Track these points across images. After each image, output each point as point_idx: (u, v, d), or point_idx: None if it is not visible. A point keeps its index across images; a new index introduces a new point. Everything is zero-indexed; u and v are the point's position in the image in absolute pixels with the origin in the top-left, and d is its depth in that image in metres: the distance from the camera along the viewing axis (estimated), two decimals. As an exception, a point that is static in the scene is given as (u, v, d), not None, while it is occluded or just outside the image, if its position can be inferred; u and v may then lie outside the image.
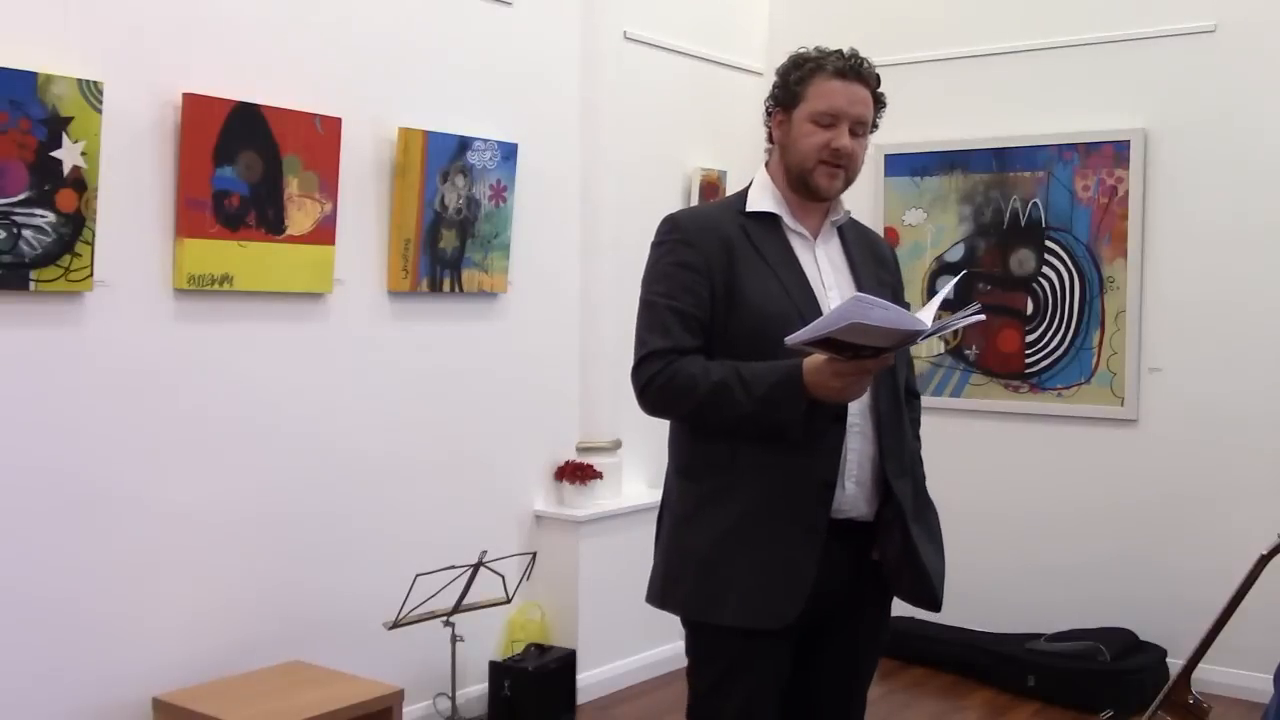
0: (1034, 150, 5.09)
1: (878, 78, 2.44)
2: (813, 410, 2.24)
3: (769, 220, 2.42)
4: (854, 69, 2.39)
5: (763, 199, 2.44)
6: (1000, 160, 5.18)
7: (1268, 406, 4.62)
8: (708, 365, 2.29)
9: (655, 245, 2.42)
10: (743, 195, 2.49)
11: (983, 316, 2.20)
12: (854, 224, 2.55)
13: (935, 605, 2.44)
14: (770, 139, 2.50)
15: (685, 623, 2.42)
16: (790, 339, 2.14)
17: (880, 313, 2.06)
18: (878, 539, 2.40)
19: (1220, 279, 4.73)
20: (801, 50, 2.47)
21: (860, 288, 2.41)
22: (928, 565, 2.39)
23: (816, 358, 2.22)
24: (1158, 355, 4.85)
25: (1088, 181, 4.97)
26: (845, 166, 2.40)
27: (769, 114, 2.49)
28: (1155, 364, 4.85)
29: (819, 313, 2.32)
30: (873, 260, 2.53)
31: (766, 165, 2.50)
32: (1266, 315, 4.63)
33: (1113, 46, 4.92)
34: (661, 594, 2.42)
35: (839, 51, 2.42)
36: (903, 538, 2.37)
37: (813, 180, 2.39)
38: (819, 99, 2.37)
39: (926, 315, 2.14)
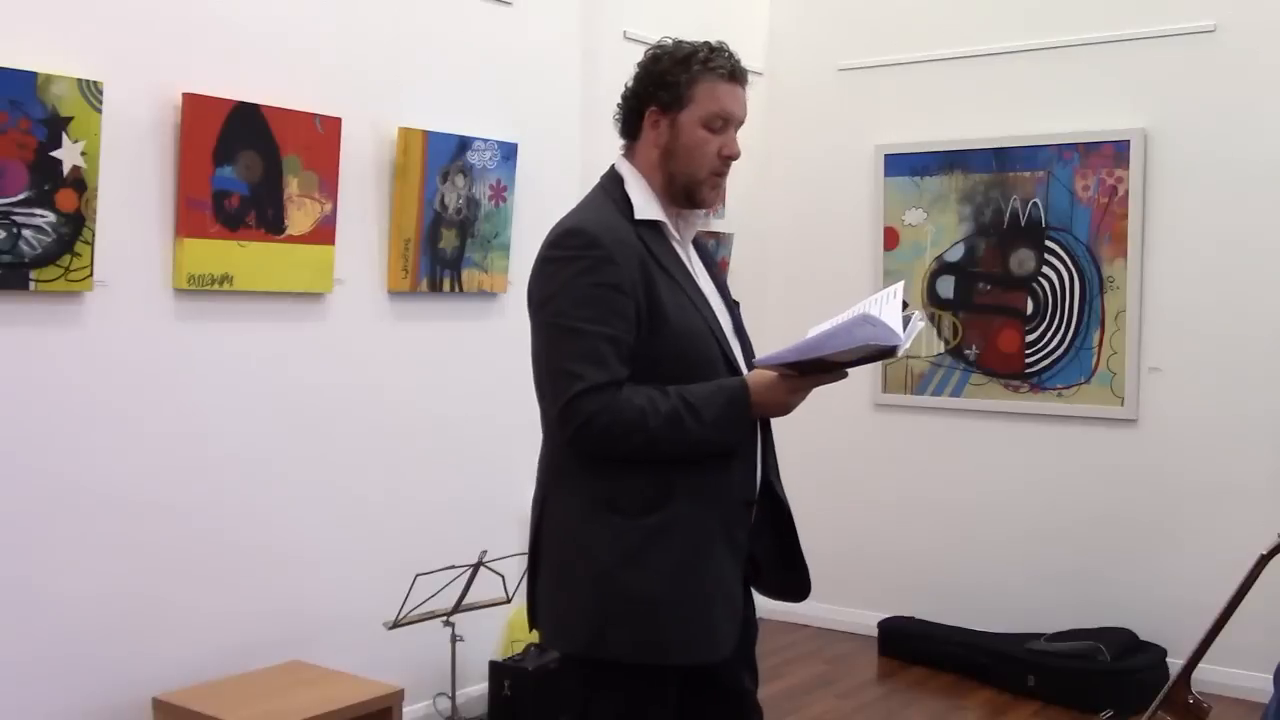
0: (1034, 150, 5.09)
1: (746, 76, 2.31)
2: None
3: (653, 226, 2.25)
4: (742, 71, 2.28)
5: (648, 206, 2.26)
6: (1000, 160, 5.18)
7: (1267, 406, 4.62)
8: (651, 395, 2.10)
9: (566, 260, 2.16)
10: (620, 198, 2.27)
11: (923, 324, 2.16)
12: None
13: (807, 591, 2.37)
14: (631, 134, 2.33)
15: (592, 661, 2.19)
16: (776, 359, 2.08)
17: (881, 330, 1.99)
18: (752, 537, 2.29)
19: (1220, 279, 4.72)
20: (665, 44, 2.31)
21: (720, 293, 2.33)
22: (802, 555, 2.34)
23: (765, 374, 2.15)
24: (1158, 355, 4.85)
25: (1088, 181, 4.97)
26: (725, 175, 2.28)
27: (635, 112, 2.31)
28: (1155, 364, 4.85)
29: (720, 326, 2.26)
30: (706, 260, 2.40)
31: (631, 162, 2.32)
32: (1266, 315, 4.63)
33: (1113, 46, 4.93)
34: (594, 640, 2.16)
35: (712, 48, 2.28)
36: (784, 533, 2.32)
37: (700, 192, 2.27)
38: (710, 101, 2.24)
39: (898, 326, 2.04)
